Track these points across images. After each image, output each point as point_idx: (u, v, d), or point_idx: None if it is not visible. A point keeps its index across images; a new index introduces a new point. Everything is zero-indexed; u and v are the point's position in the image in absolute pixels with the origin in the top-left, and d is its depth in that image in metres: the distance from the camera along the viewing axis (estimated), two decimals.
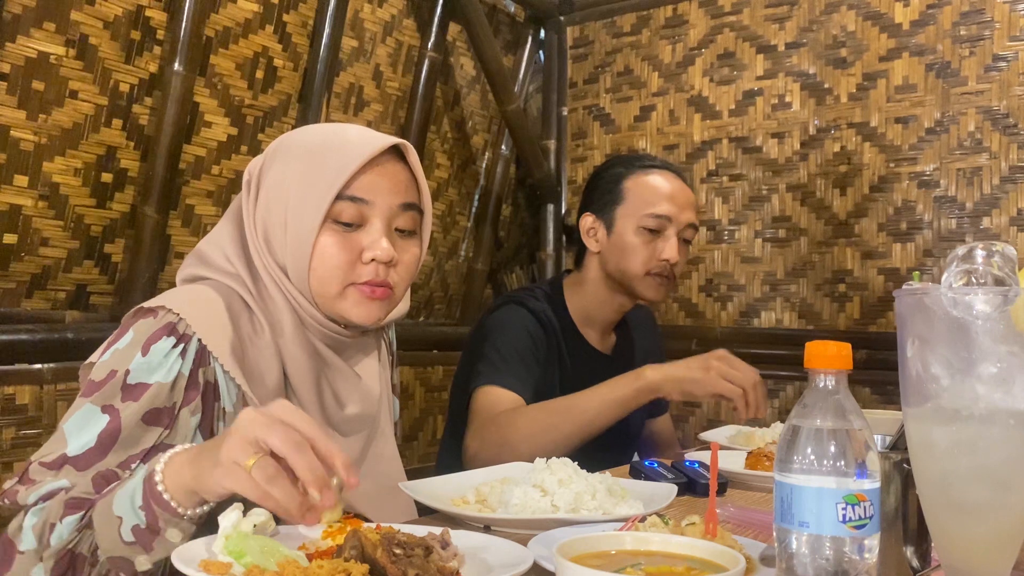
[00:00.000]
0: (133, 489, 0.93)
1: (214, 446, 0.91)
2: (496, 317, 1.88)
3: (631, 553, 0.84)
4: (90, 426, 1.05)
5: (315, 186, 1.12)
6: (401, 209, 1.17)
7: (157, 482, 0.91)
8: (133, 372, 1.07)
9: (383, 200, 1.14)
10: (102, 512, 0.94)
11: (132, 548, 0.92)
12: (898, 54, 2.69)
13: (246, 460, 0.86)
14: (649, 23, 3.18)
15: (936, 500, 0.76)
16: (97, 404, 1.06)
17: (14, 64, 1.85)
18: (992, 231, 2.53)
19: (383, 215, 1.15)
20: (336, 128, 1.24)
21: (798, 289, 2.86)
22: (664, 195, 1.87)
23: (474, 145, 3.13)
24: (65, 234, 2.00)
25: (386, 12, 2.72)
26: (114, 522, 0.92)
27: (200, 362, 1.10)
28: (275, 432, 0.87)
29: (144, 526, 0.91)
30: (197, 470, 0.90)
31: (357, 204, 1.13)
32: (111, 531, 0.92)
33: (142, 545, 0.92)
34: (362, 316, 1.15)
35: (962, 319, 0.72)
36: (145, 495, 0.92)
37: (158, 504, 0.91)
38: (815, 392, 0.74)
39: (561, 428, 1.62)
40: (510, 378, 1.74)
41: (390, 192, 1.15)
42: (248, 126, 2.34)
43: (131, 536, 0.92)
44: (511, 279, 3.35)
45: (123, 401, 1.06)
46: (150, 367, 1.07)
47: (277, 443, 0.87)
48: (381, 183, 1.15)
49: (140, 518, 0.91)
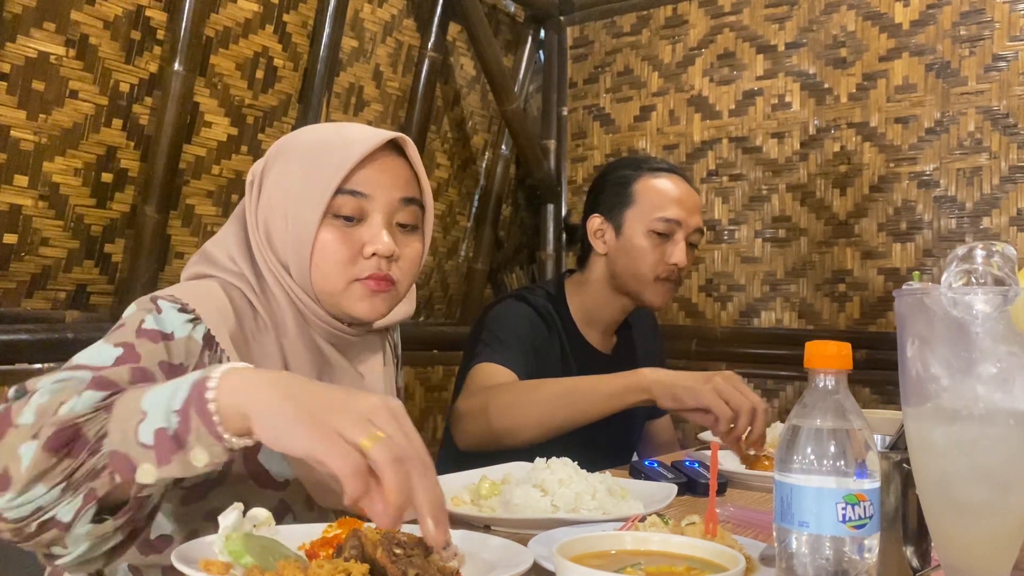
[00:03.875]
0: (174, 389, 0.81)
1: (303, 392, 0.79)
2: (497, 310, 1.90)
3: (631, 553, 0.84)
4: (104, 354, 0.97)
5: (315, 181, 1.12)
6: (402, 203, 1.17)
7: (209, 389, 0.79)
8: (147, 322, 1.03)
9: (383, 194, 1.15)
10: (127, 400, 0.82)
11: (143, 452, 0.79)
12: (898, 54, 2.69)
13: (360, 437, 0.75)
14: (649, 23, 3.18)
15: (936, 500, 0.76)
16: (109, 341, 0.99)
17: (14, 64, 1.85)
18: (992, 231, 2.53)
19: (383, 209, 1.15)
20: (336, 126, 1.24)
21: (798, 289, 2.86)
22: (674, 199, 1.87)
23: (474, 145, 3.13)
24: (65, 234, 2.00)
25: (386, 12, 2.72)
26: (135, 415, 0.80)
27: (208, 345, 1.07)
28: (395, 430, 0.77)
29: (172, 433, 0.79)
30: (269, 407, 0.78)
31: (357, 198, 1.13)
32: (128, 423, 0.80)
33: (158, 454, 0.79)
34: (365, 311, 1.15)
35: (962, 319, 0.72)
36: (188, 401, 0.79)
37: (200, 415, 0.79)
38: (815, 392, 0.74)
39: (545, 406, 1.60)
40: (506, 357, 1.75)
41: (390, 186, 1.15)
42: (248, 126, 2.34)
43: (149, 438, 0.79)
44: (511, 279, 3.35)
45: (138, 338, 1.00)
46: (165, 322, 1.04)
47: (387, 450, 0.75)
48: (380, 177, 1.15)
49: (171, 422, 0.79)
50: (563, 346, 1.90)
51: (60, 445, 0.79)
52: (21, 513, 0.80)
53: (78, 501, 0.80)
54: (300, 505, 1.14)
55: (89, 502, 0.80)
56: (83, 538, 0.82)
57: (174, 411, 0.79)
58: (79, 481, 0.80)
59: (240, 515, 0.86)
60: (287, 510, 1.13)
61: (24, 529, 0.81)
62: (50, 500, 0.80)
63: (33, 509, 0.80)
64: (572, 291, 1.97)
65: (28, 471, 0.78)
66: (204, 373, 0.81)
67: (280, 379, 0.82)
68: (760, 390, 2.90)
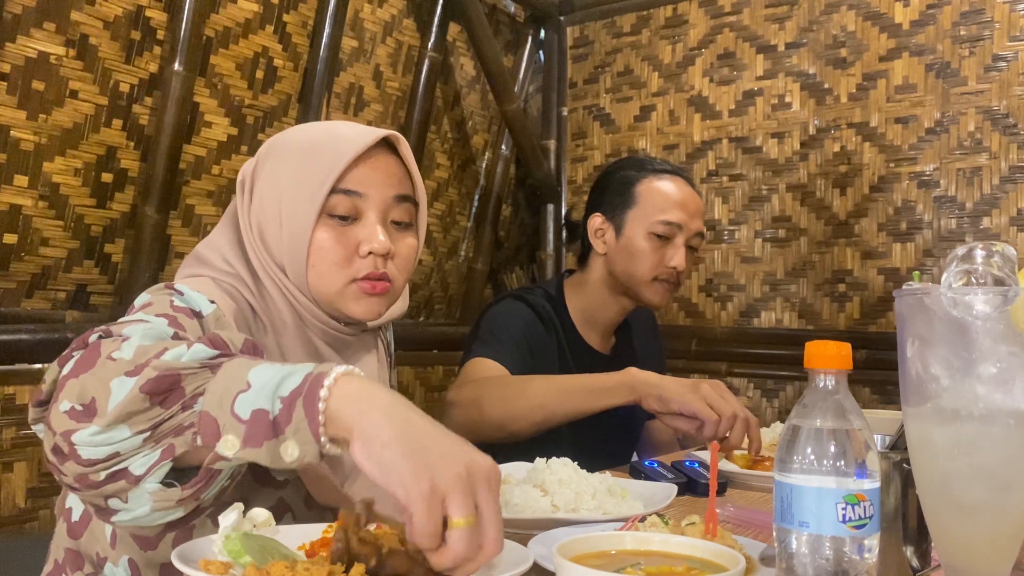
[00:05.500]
0: (286, 374, 0.76)
1: (411, 427, 0.74)
2: (495, 309, 1.90)
3: (631, 553, 0.84)
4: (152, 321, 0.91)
5: (309, 181, 1.12)
6: (395, 201, 1.17)
7: (324, 387, 0.74)
8: (176, 300, 0.98)
9: (377, 192, 1.15)
10: (235, 366, 0.78)
11: (234, 423, 0.74)
12: (898, 54, 2.69)
13: (458, 514, 0.71)
14: (649, 23, 3.18)
15: (936, 500, 0.76)
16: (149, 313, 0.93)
17: (14, 64, 1.85)
18: (992, 231, 2.53)
19: (377, 208, 1.15)
20: (327, 125, 1.24)
21: (798, 289, 2.86)
22: (676, 202, 1.87)
23: (474, 145, 3.13)
24: (65, 234, 2.00)
25: (386, 12, 2.72)
26: (239, 383, 0.75)
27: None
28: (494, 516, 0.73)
29: (272, 418, 0.74)
30: (378, 434, 0.73)
31: (351, 197, 1.13)
32: (229, 389, 0.75)
33: (249, 432, 0.74)
34: (362, 311, 1.15)
35: (962, 319, 0.72)
36: (298, 391, 0.75)
37: (307, 410, 0.74)
38: (815, 392, 0.74)
39: (533, 400, 1.60)
40: (501, 354, 1.76)
41: (384, 184, 1.15)
42: (248, 126, 2.34)
43: (246, 413, 0.74)
44: (511, 279, 3.35)
45: (176, 313, 0.95)
46: (191, 301, 1.01)
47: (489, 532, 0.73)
48: (374, 176, 1.15)
49: (274, 407, 0.74)
50: (561, 346, 1.90)
51: (157, 391, 0.76)
52: (97, 454, 0.76)
53: (155, 455, 0.76)
54: (299, 504, 1.14)
55: (166, 458, 0.76)
56: (147, 499, 0.78)
57: (280, 397, 0.75)
58: (163, 433, 0.76)
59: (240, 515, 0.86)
60: (286, 509, 1.13)
61: (92, 476, 0.77)
62: (130, 447, 0.76)
63: (110, 452, 0.76)
64: (571, 291, 1.97)
65: (118, 408, 0.75)
66: (320, 368, 0.77)
67: (392, 405, 0.77)
68: (760, 390, 2.91)
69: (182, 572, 0.78)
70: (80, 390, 0.77)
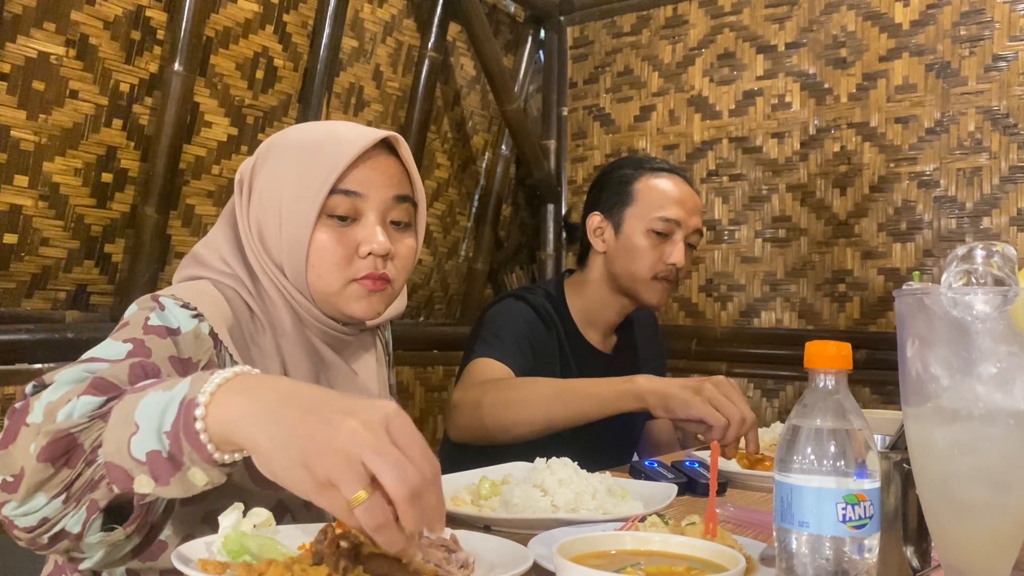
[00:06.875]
0: (167, 404, 0.76)
1: (303, 413, 0.72)
2: (495, 309, 1.90)
3: (631, 553, 0.84)
4: (115, 349, 0.95)
5: (308, 182, 1.12)
6: (395, 201, 1.17)
7: (197, 417, 0.74)
8: (152, 319, 1.01)
9: (376, 193, 1.15)
10: (123, 408, 0.78)
11: (137, 466, 0.75)
12: (898, 54, 2.69)
13: (351, 493, 0.69)
14: (649, 23, 3.18)
15: (936, 500, 0.76)
16: (117, 338, 0.97)
17: (14, 64, 1.85)
18: (992, 231, 2.53)
19: (377, 208, 1.15)
20: (326, 125, 1.24)
21: (798, 289, 2.86)
22: (674, 199, 1.87)
23: (474, 145, 3.13)
24: (65, 234, 2.00)
25: (386, 12, 2.72)
26: (128, 427, 0.76)
27: (214, 341, 1.07)
28: (390, 466, 0.70)
29: (165, 456, 0.75)
30: (263, 444, 0.73)
31: (351, 198, 1.13)
32: (121, 435, 0.76)
33: (153, 473, 0.75)
34: (362, 310, 1.16)
35: (962, 319, 0.72)
36: (176, 424, 0.75)
37: (190, 442, 0.74)
38: (815, 392, 0.74)
39: (538, 405, 1.60)
40: (504, 354, 1.76)
41: (383, 185, 1.16)
42: (248, 126, 2.34)
43: (142, 455, 0.75)
44: (511, 279, 3.35)
45: (146, 335, 0.98)
46: (170, 318, 1.03)
47: (390, 484, 0.69)
48: (373, 176, 1.15)
49: (163, 444, 0.75)
50: (562, 346, 1.90)
51: (55, 455, 0.77)
52: (29, 523, 0.79)
53: (82, 512, 0.79)
54: (298, 505, 1.14)
55: (93, 512, 0.79)
56: (98, 546, 0.82)
57: (164, 433, 0.75)
58: (79, 492, 0.78)
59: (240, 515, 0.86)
60: (285, 510, 1.13)
61: (37, 539, 0.80)
62: (53, 511, 0.79)
63: (39, 520, 0.79)
64: (572, 291, 1.97)
65: (26, 481, 0.78)
66: (192, 389, 0.76)
67: (268, 401, 0.75)
68: (760, 390, 2.91)
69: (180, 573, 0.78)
70: (9, 461, 0.80)
